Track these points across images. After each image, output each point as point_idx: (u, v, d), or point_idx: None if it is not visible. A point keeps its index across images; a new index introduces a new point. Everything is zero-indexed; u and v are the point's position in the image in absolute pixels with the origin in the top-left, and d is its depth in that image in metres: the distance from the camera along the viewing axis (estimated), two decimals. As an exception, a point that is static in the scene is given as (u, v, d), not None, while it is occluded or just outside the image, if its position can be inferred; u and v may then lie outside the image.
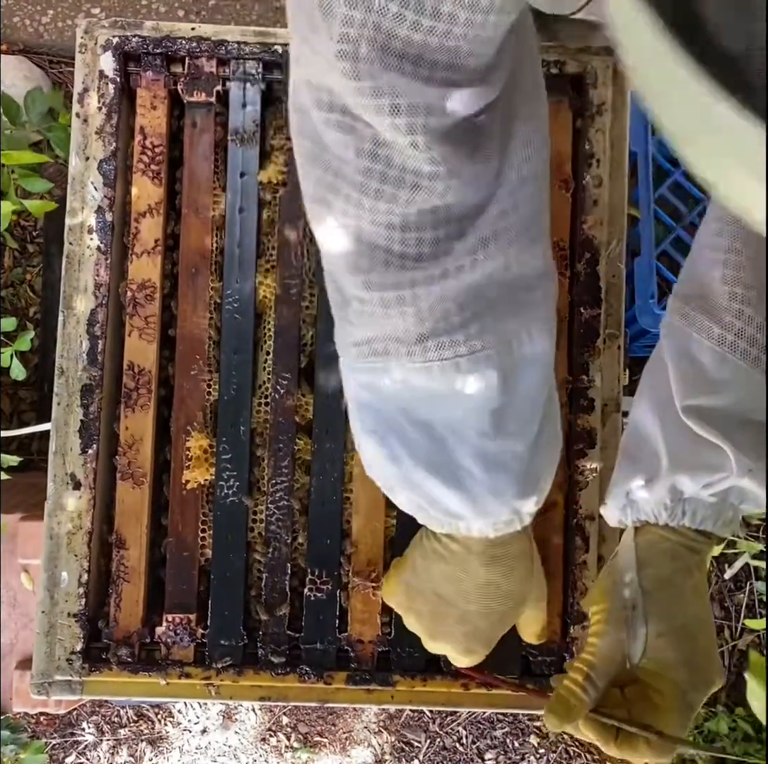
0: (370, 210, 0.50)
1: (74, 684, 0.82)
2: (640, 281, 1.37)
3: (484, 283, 0.52)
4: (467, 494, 0.59)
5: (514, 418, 0.56)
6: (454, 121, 0.47)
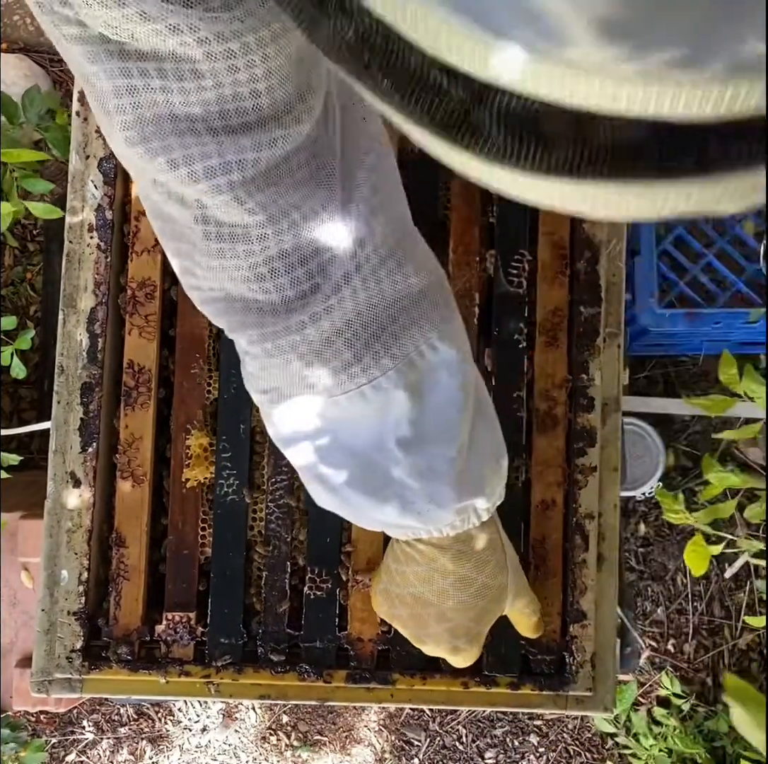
0: (221, 269, 0.51)
1: (74, 682, 0.82)
2: (640, 280, 1.37)
3: (363, 313, 0.53)
4: (409, 508, 0.59)
5: (436, 425, 0.57)
6: (268, 165, 0.47)
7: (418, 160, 0.86)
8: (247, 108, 0.44)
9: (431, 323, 0.55)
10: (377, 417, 0.55)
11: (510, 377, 0.84)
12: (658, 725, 1.63)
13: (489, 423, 0.63)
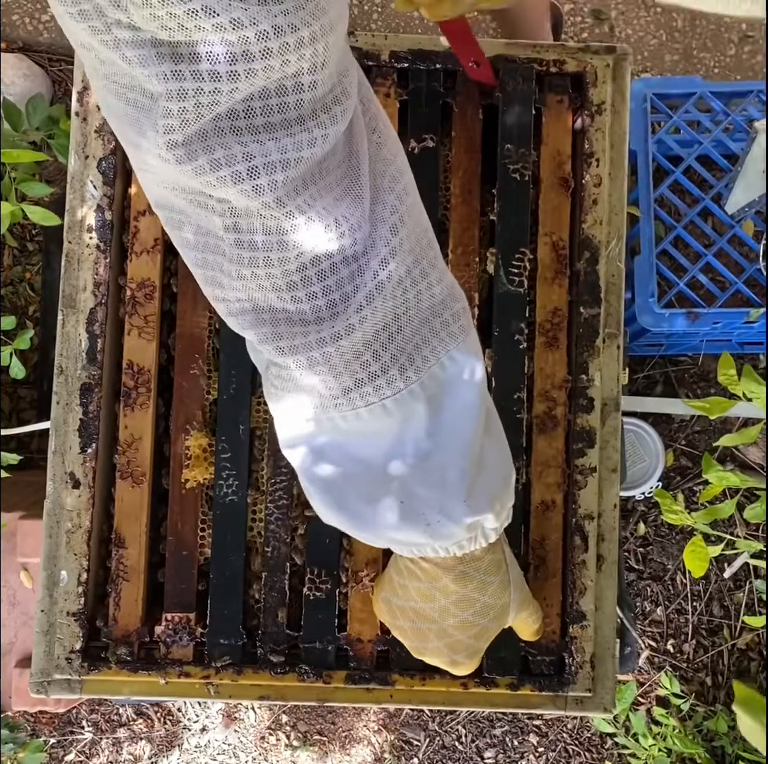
0: (253, 277, 0.50)
1: (73, 683, 0.82)
2: (639, 280, 1.37)
3: (390, 324, 0.53)
4: (418, 519, 0.58)
5: (452, 437, 0.57)
6: (307, 165, 0.46)
7: (419, 160, 0.85)
8: (289, 104, 0.44)
9: (452, 335, 0.55)
10: (396, 429, 0.55)
11: (510, 378, 0.84)
12: (657, 725, 1.63)
13: (498, 440, 0.62)
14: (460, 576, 0.64)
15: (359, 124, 0.51)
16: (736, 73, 1.83)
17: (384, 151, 0.53)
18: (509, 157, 0.85)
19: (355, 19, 1.84)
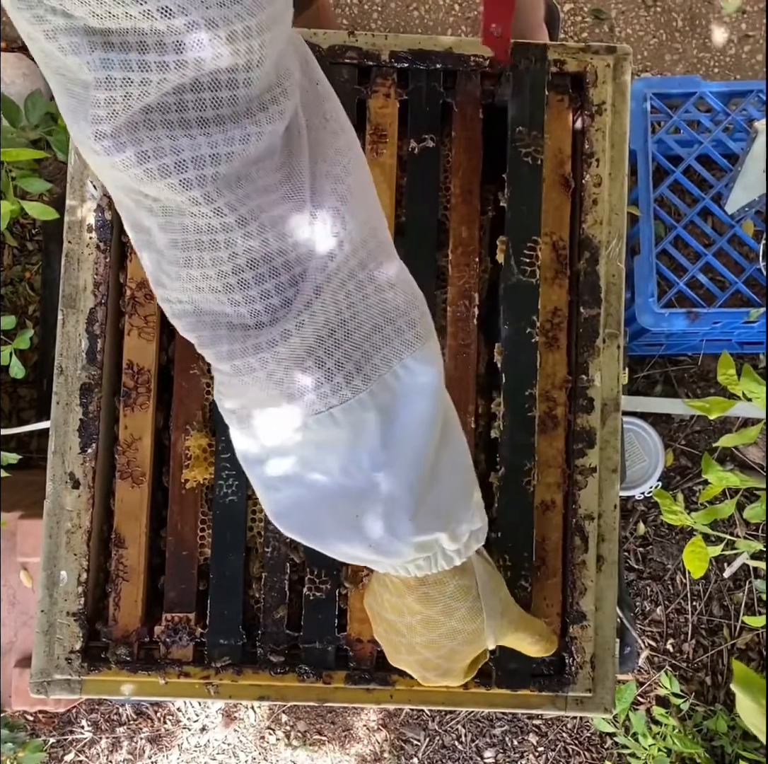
0: (189, 279, 0.49)
1: (73, 683, 0.82)
2: (640, 280, 1.37)
3: (336, 330, 0.51)
4: (367, 536, 0.56)
5: (403, 451, 0.54)
6: (240, 163, 0.45)
7: (419, 160, 0.85)
8: (222, 99, 0.43)
9: (406, 343, 0.53)
10: (349, 440, 0.53)
11: (521, 374, 0.80)
12: (657, 724, 1.63)
13: (456, 454, 0.58)
14: (424, 598, 0.62)
15: (301, 126, 0.50)
16: (736, 72, 1.83)
17: (331, 153, 0.52)
18: (521, 140, 0.81)
19: (354, 18, 1.84)
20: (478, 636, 0.65)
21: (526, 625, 0.69)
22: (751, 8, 1.84)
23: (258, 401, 0.52)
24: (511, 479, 0.80)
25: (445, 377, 0.86)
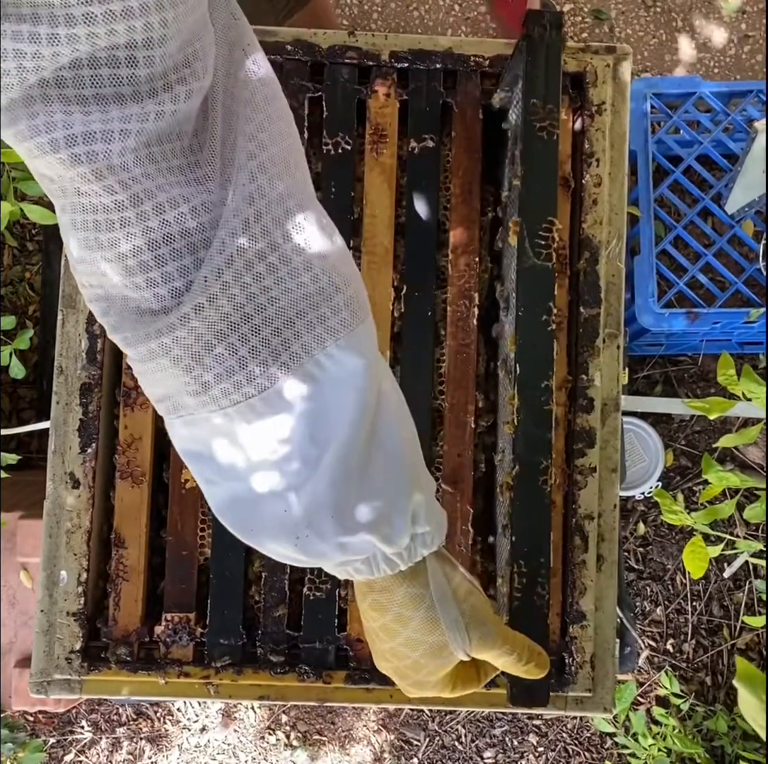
0: (91, 262, 0.47)
1: (73, 683, 0.82)
2: (639, 280, 1.37)
3: (252, 315, 0.48)
4: (291, 533, 0.53)
5: (330, 444, 0.51)
6: (137, 142, 0.43)
7: (419, 160, 0.85)
8: (121, 77, 0.42)
9: (330, 330, 0.50)
10: (274, 432, 0.50)
11: (537, 365, 0.74)
12: (657, 724, 1.63)
13: (392, 454, 0.54)
14: (375, 604, 0.59)
15: (218, 108, 0.48)
16: (736, 73, 1.83)
17: (250, 126, 0.49)
18: (535, 114, 0.75)
19: (354, 19, 1.84)
20: (440, 649, 0.60)
21: (504, 640, 0.62)
22: (751, 8, 1.84)
23: (176, 390, 0.50)
24: (525, 478, 0.74)
25: (445, 377, 0.87)
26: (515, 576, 0.72)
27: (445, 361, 0.86)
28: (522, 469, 0.74)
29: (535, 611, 0.70)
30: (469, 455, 0.85)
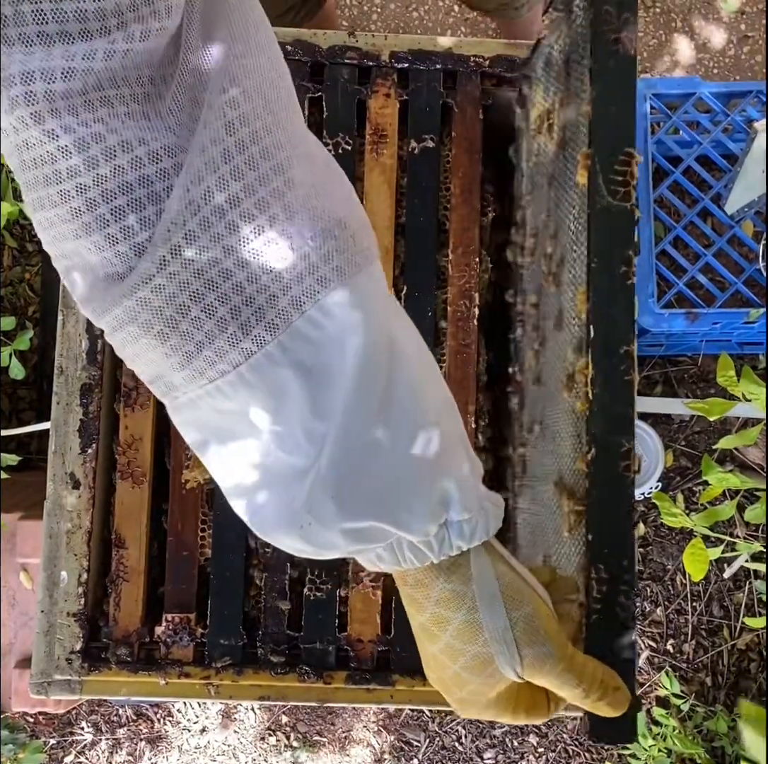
0: (49, 224, 0.43)
1: (73, 684, 0.82)
2: (639, 281, 1.37)
3: (235, 272, 0.42)
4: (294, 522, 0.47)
5: (332, 419, 0.44)
6: (89, 82, 0.39)
7: (419, 159, 0.86)
8: (67, 12, 0.38)
9: (321, 281, 0.43)
10: (270, 407, 0.44)
11: (615, 327, 0.60)
12: (657, 725, 1.63)
13: (411, 424, 0.46)
14: (410, 600, 0.52)
15: (188, 49, 0.43)
16: (736, 73, 1.83)
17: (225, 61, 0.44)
18: (608, 24, 0.62)
19: (354, 20, 1.84)
20: (484, 664, 0.51)
21: (568, 668, 0.51)
22: (751, 9, 1.84)
23: (161, 367, 0.45)
24: (604, 463, 0.60)
25: (446, 377, 0.87)
26: (593, 583, 0.58)
27: (445, 361, 0.86)
28: (599, 453, 0.60)
29: (618, 627, 0.57)
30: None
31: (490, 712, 0.53)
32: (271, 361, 0.43)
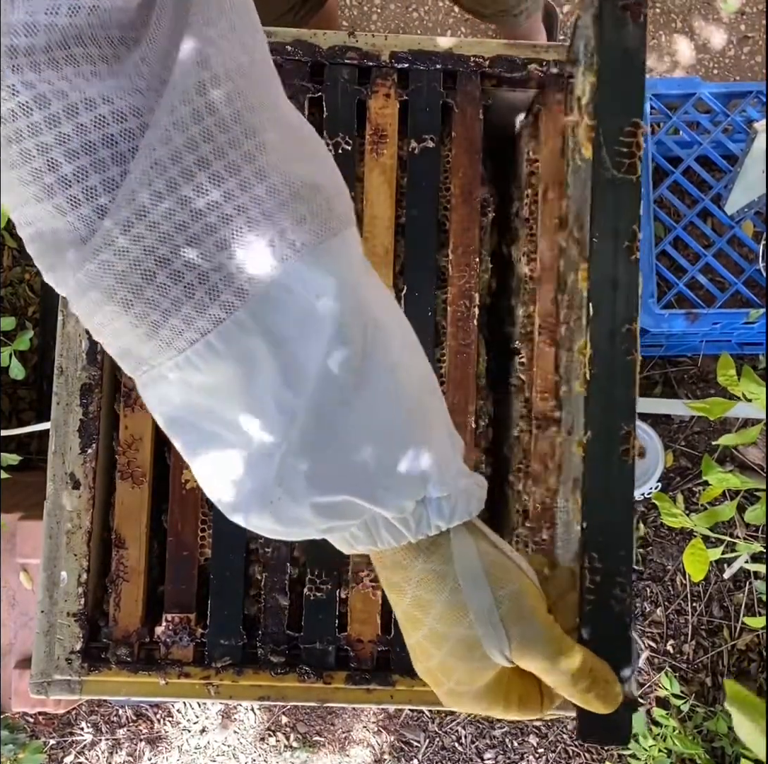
0: (10, 189, 0.41)
1: (73, 684, 0.82)
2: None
3: (197, 232, 0.40)
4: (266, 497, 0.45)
5: (304, 389, 0.42)
6: (52, 39, 0.37)
7: (419, 159, 0.86)
8: None
9: (292, 245, 0.41)
10: (240, 379, 0.42)
11: (617, 305, 0.57)
12: (657, 725, 1.63)
13: (386, 396, 0.44)
14: (389, 584, 0.50)
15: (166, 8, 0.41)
16: (735, 74, 1.83)
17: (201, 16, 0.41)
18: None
19: (354, 20, 1.84)
20: (471, 648, 0.48)
21: (557, 650, 0.48)
22: (750, 9, 1.84)
23: (129, 339, 0.43)
24: (602, 447, 0.56)
25: (445, 377, 0.87)
26: (586, 572, 0.55)
27: (445, 361, 0.86)
28: (596, 435, 0.56)
29: (611, 620, 0.54)
30: (469, 456, 0.85)
31: (480, 704, 0.51)
32: (240, 328, 0.41)
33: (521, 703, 0.51)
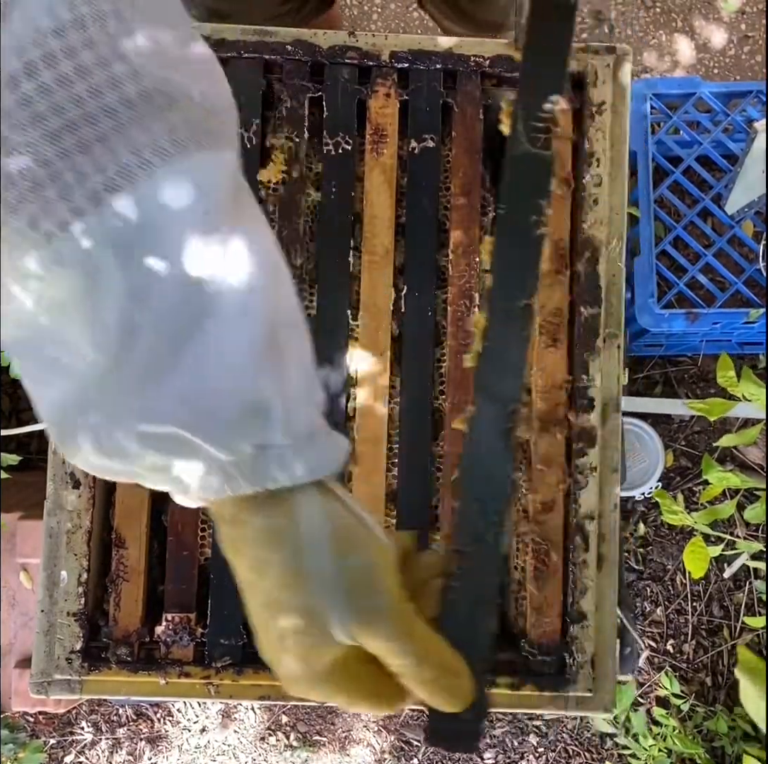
0: None
1: (73, 684, 0.82)
2: (639, 281, 1.37)
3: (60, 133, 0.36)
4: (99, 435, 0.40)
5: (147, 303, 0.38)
6: None
7: (419, 159, 0.86)
8: None
9: (159, 151, 0.37)
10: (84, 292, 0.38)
11: (516, 277, 0.52)
12: (657, 725, 1.63)
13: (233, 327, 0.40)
14: (229, 545, 0.44)
15: None
16: (736, 73, 1.83)
17: None
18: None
19: (355, 20, 1.84)
20: (312, 621, 0.42)
21: (402, 631, 0.42)
22: (751, 9, 1.84)
23: None
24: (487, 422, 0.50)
25: (446, 377, 0.87)
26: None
27: (445, 361, 0.86)
28: (482, 411, 0.51)
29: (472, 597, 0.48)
30: (469, 455, 0.85)
31: (322, 690, 0.43)
32: (88, 236, 0.37)
33: (373, 694, 0.44)
